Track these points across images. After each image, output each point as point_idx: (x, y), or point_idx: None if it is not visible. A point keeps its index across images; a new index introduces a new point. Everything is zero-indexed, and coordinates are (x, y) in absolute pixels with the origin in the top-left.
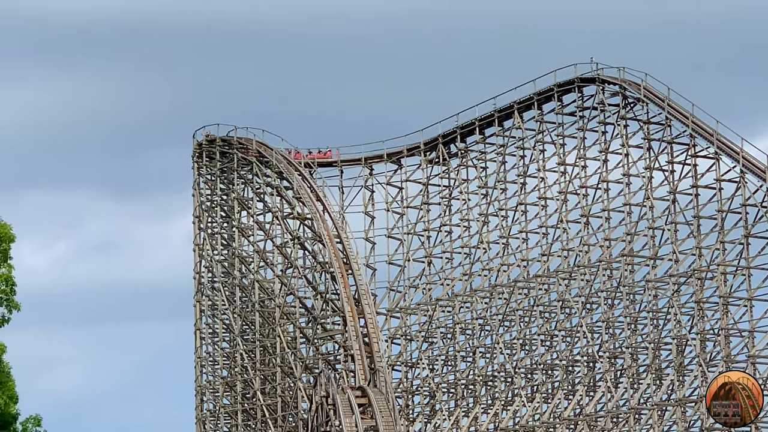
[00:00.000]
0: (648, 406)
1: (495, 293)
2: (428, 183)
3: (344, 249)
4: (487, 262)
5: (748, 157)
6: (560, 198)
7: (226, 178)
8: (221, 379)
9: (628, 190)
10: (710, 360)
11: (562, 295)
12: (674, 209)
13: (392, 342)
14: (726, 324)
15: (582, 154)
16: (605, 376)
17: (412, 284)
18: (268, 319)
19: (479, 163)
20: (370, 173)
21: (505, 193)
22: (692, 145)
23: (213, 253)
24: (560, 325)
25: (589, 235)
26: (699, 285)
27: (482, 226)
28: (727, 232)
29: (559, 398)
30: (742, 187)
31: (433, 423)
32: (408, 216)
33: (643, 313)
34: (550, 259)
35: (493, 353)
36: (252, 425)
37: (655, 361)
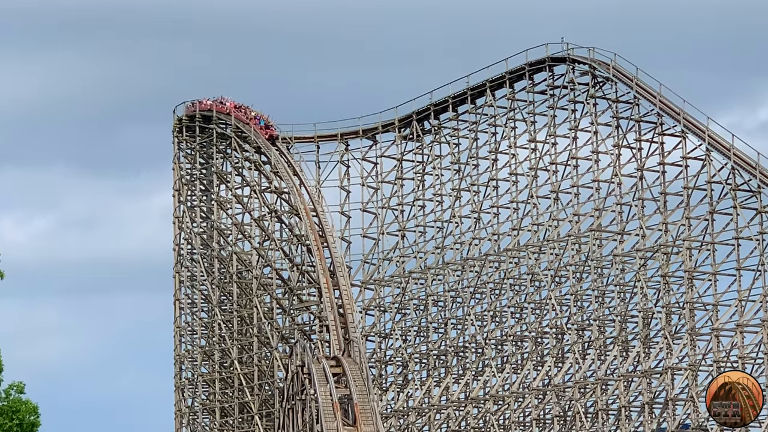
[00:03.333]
0: (614, 377)
1: (467, 266)
2: (402, 158)
3: (320, 222)
4: (459, 235)
5: (714, 135)
6: (531, 174)
7: (206, 153)
8: (200, 348)
9: (597, 167)
10: (675, 332)
11: (531, 269)
12: (641, 186)
13: (366, 313)
14: (691, 298)
15: (552, 131)
16: (573, 347)
17: (386, 257)
18: (246, 290)
19: (452, 140)
20: (346, 149)
21: (477, 168)
22: (659, 124)
23: (192, 226)
24: (530, 298)
25: (558, 211)
26: (665, 259)
27: (455, 201)
28: (693, 209)
29: (528, 369)
30: (708, 164)
31: (406, 392)
32: (382, 191)
33: (610, 287)
34: (521, 234)
35: (465, 325)
36: (229, 393)
37: (622, 334)
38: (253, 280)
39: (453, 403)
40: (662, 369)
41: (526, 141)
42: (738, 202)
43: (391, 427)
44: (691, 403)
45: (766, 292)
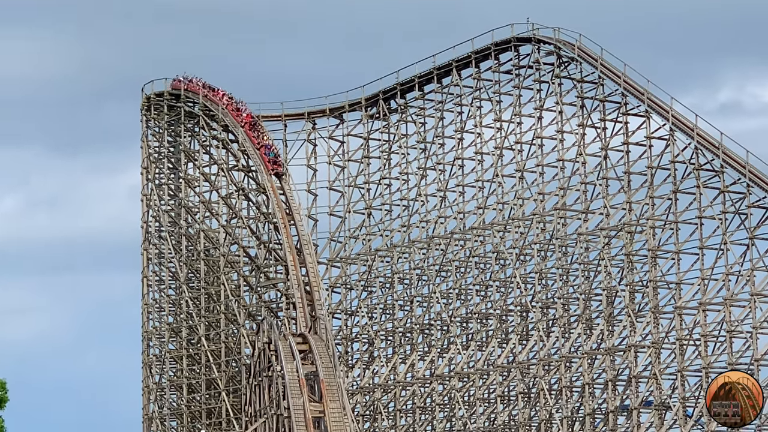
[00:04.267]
0: (578, 355)
1: (432, 244)
2: (369, 137)
3: (287, 200)
4: (425, 214)
5: (677, 115)
6: (496, 153)
7: (174, 131)
8: (167, 325)
9: (562, 146)
10: (638, 311)
11: (496, 247)
12: (606, 165)
13: (332, 291)
14: (654, 276)
15: (517, 111)
16: (537, 325)
17: (352, 235)
18: (213, 268)
19: (418, 119)
20: (313, 127)
21: (442, 147)
22: (624, 104)
23: (160, 203)
24: (495, 276)
25: (523, 189)
26: (629, 238)
27: (420, 180)
28: (656, 188)
29: (493, 346)
30: (671, 144)
31: (372, 369)
32: (349, 169)
33: (574, 265)
34: (486, 212)
35: (430, 302)
36: (196, 370)
37: (586, 312)
38: (220, 257)
39: (418, 380)
40: (625, 347)
41: (492, 120)
42: (701, 182)
43: (357, 404)
44: (654, 381)
45: (729, 271)
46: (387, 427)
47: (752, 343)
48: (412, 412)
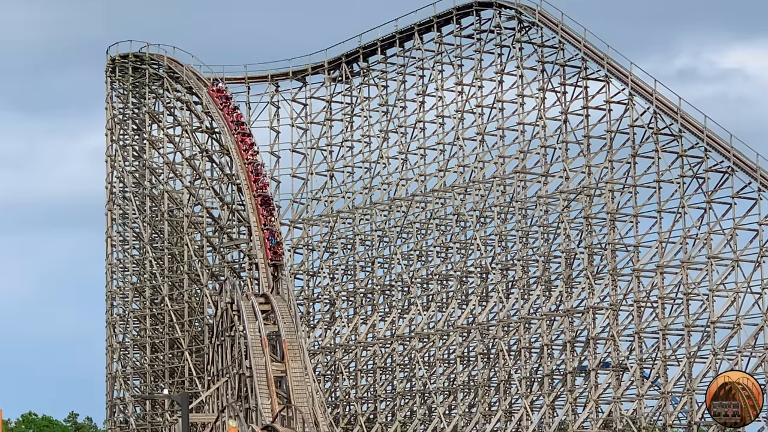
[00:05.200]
0: (537, 316)
1: (393, 206)
2: (331, 100)
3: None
4: (387, 176)
5: (636, 80)
6: (457, 116)
7: (138, 93)
8: (131, 285)
9: (522, 110)
10: (597, 273)
11: (457, 209)
12: (565, 129)
13: (295, 251)
14: (613, 239)
15: (478, 75)
16: (497, 286)
17: (314, 197)
18: (177, 228)
19: (380, 82)
20: (276, 90)
21: (404, 111)
22: (583, 68)
23: (124, 164)
24: (455, 238)
25: (484, 153)
26: (588, 201)
27: (382, 142)
28: (616, 152)
29: (453, 307)
30: (630, 108)
31: (333, 329)
32: (311, 131)
33: (534, 228)
34: (447, 175)
35: (391, 263)
36: (159, 329)
37: (545, 273)
38: (184, 218)
39: (379, 341)
40: (584, 308)
41: (453, 84)
42: (660, 146)
43: (318, 364)
44: (612, 342)
45: (686, 234)
46: (348, 386)
47: (709, 305)
48: (373, 372)
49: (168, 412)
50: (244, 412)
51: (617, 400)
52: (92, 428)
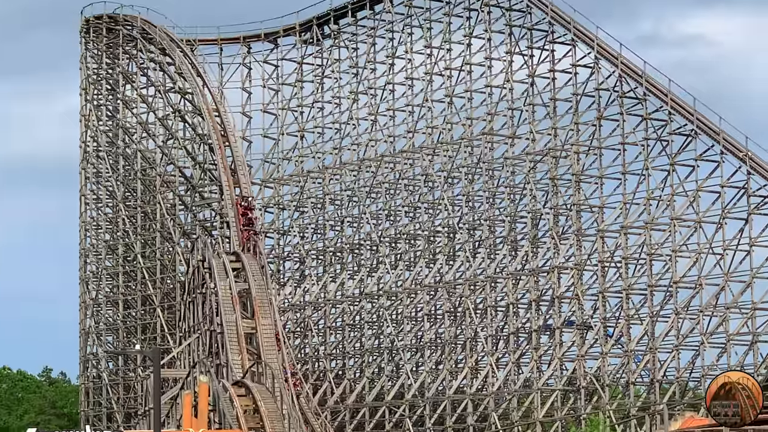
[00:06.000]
0: (503, 275)
1: (363, 167)
2: (302, 62)
3: (222, 122)
4: (356, 137)
5: (602, 44)
6: (426, 79)
7: (112, 54)
8: (104, 242)
9: (490, 73)
10: (562, 233)
11: (425, 170)
12: (532, 92)
13: (266, 210)
14: (578, 200)
15: (447, 38)
16: (464, 246)
17: (285, 157)
18: (149, 187)
19: (351, 44)
20: (248, 51)
21: (374, 72)
22: (550, 32)
23: (98, 124)
24: (423, 198)
25: (452, 114)
26: (554, 163)
27: (352, 104)
28: (581, 114)
29: (420, 266)
30: (596, 72)
31: (303, 287)
32: (283, 92)
33: (501, 188)
34: (415, 136)
35: (360, 223)
36: (132, 286)
37: (511, 233)
38: (156, 177)
39: (348, 298)
40: (549, 268)
41: (422, 47)
42: (624, 109)
43: (288, 321)
44: (576, 301)
45: (650, 196)
46: (317, 343)
47: (671, 265)
48: (342, 329)
49: (140, 368)
50: (215, 367)
51: (581, 358)
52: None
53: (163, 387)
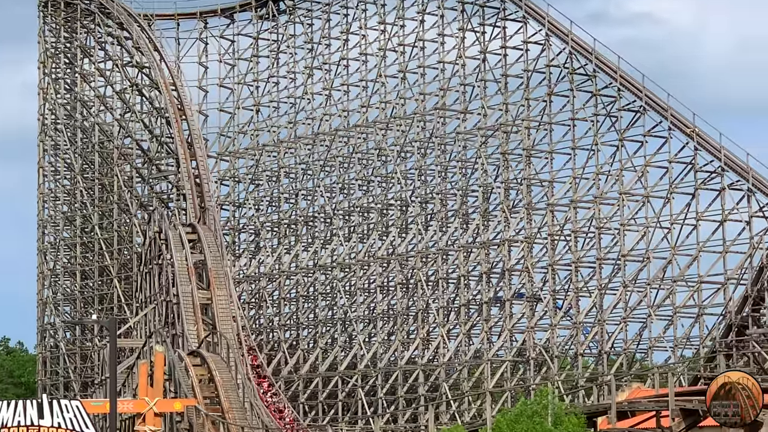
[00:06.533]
0: (455, 248)
1: (317, 140)
2: (258, 37)
3: (179, 96)
4: (311, 111)
5: (553, 21)
6: (379, 54)
7: (70, 27)
8: (62, 214)
9: (443, 49)
10: (513, 207)
11: (379, 144)
12: (484, 68)
13: (221, 183)
14: (528, 174)
15: (401, 14)
16: (416, 219)
17: (241, 130)
18: (107, 159)
19: (306, 20)
20: (205, 27)
21: (329, 48)
22: (502, 9)
23: (56, 97)
24: (376, 172)
25: (405, 90)
26: (505, 138)
27: (307, 79)
28: (532, 90)
29: (373, 239)
30: (547, 49)
31: (258, 259)
32: (239, 67)
33: (453, 162)
34: (369, 111)
35: (314, 196)
36: (89, 257)
37: (463, 207)
38: (114, 149)
39: (302, 270)
40: (500, 241)
41: (376, 23)
42: (574, 85)
43: (243, 292)
44: (526, 274)
45: (599, 171)
46: (271, 314)
47: (620, 239)
48: (296, 300)
49: (97, 337)
50: (171, 337)
51: (531, 330)
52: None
53: (120, 356)
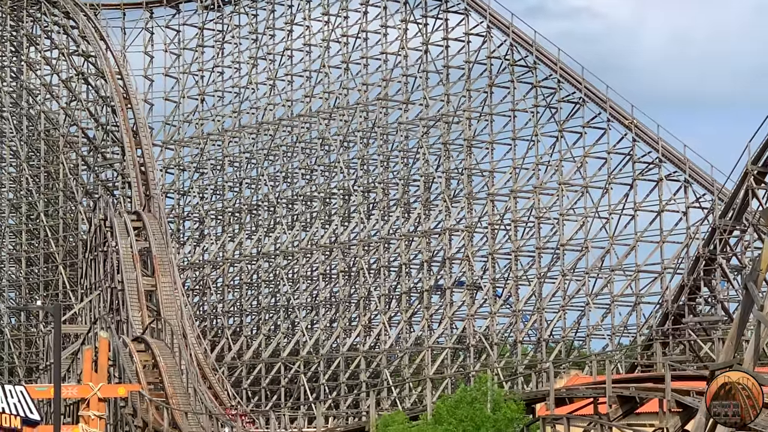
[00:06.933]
0: (397, 237)
1: (261, 130)
2: (204, 27)
3: (125, 85)
4: (255, 101)
5: (495, 14)
6: (323, 45)
7: (16, 16)
8: (7, 201)
9: (385, 40)
10: (454, 196)
11: (322, 134)
12: (426, 59)
13: (166, 171)
14: (469, 164)
15: (344, 5)
16: (359, 208)
17: (186, 119)
18: (53, 147)
19: (250, 11)
20: (151, 17)
21: (273, 39)
22: (444, 1)
23: (2, 85)
24: (320, 161)
25: (348, 80)
26: (446, 128)
27: (251, 69)
28: (473, 81)
29: (316, 227)
30: (488, 41)
31: (202, 246)
32: (184, 57)
33: (395, 152)
34: (313, 101)
35: (258, 184)
36: (35, 244)
37: (404, 196)
38: (60, 137)
39: (246, 257)
40: (441, 230)
41: (320, 14)
42: (515, 77)
43: (187, 279)
44: (467, 262)
45: (539, 161)
46: (215, 301)
47: (559, 228)
48: (239, 287)
49: (42, 323)
50: (116, 324)
51: (471, 317)
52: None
53: (64, 342)
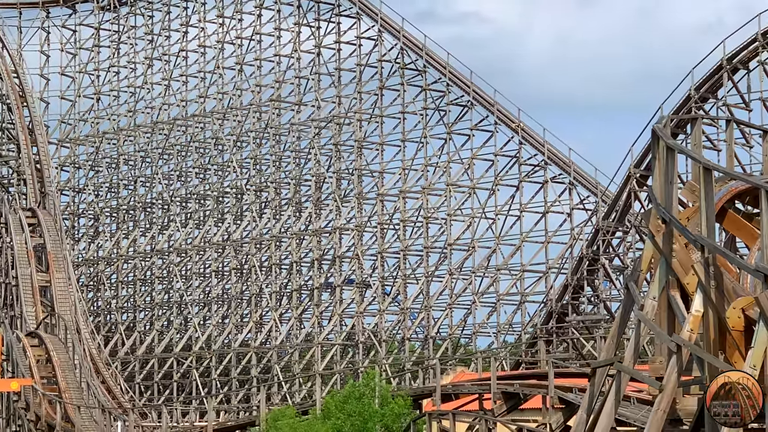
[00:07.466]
0: (288, 235)
1: (156, 129)
2: (100, 27)
3: (21, 83)
4: (150, 101)
5: (386, 18)
6: (218, 47)
7: None
8: None
9: (279, 43)
10: (344, 196)
11: (216, 133)
12: (319, 62)
13: (62, 169)
14: (360, 165)
15: (239, 8)
16: (251, 206)
17: (81, 118)
18: None
19: (146, 12)
20: (47, 16)
21: (168, 39)
22: (337, 5)
23: None
24: (213, 160)
25: (242, 81)
26: (337, 129)
27: (147, 69)
28: (364, 84)
29: (209, 225)
30: (379, 44)
31: (96, 243)
32: (80, 56)
33: (287, 152)
34: (207, 101)
35: (153, 183)
36: None
37: (296, 196)
38: None
39: (140, 254)
40: (331, 229)
41: (215, 16)
42: (405, 80)
43: (82, 275)
44: (357, 260)
45: (427, 162)
46: (109, 297)
47: (446, 228)
48: (133, 283)
49: None
50: (10, 319)
51: (360, 315)
52: None
53: None
